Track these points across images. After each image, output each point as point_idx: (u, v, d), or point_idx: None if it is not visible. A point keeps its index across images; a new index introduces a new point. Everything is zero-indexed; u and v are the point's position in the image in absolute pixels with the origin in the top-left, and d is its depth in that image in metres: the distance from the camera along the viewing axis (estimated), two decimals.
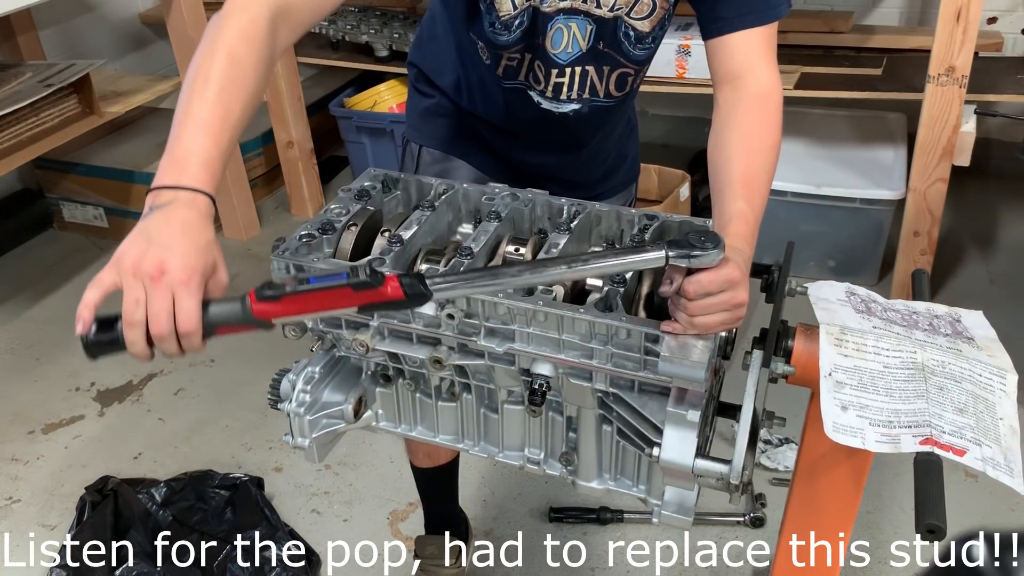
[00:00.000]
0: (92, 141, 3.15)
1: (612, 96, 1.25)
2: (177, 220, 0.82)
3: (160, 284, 0.79)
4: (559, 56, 1.18)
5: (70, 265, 3.03)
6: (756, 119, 1.07)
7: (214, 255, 0.84)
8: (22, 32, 2.97)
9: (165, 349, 0.82)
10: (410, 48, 1.44)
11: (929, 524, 0.82)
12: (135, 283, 0.80)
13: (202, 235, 0.83)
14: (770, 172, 1.05)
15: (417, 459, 1.63)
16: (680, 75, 2.61)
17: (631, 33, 1.17)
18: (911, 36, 2.81)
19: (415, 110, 1.43)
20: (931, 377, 0.93)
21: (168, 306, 0.79)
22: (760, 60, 1.09)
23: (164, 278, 0.79)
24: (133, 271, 0.80)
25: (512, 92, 1.25)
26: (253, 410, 2.32)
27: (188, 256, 0.80)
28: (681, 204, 2.71)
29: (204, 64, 0.91)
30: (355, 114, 3.13)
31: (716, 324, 0.88)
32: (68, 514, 1.98)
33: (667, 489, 1.01)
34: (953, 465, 0.87)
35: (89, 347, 0.85)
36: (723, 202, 1.01)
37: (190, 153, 0.87)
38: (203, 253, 0.82)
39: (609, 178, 1.44)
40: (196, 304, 0.80)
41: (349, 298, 0.81)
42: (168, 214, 0.83)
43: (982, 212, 3.04)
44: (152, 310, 0.79)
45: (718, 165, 1.06)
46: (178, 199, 0.84)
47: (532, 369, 0.98)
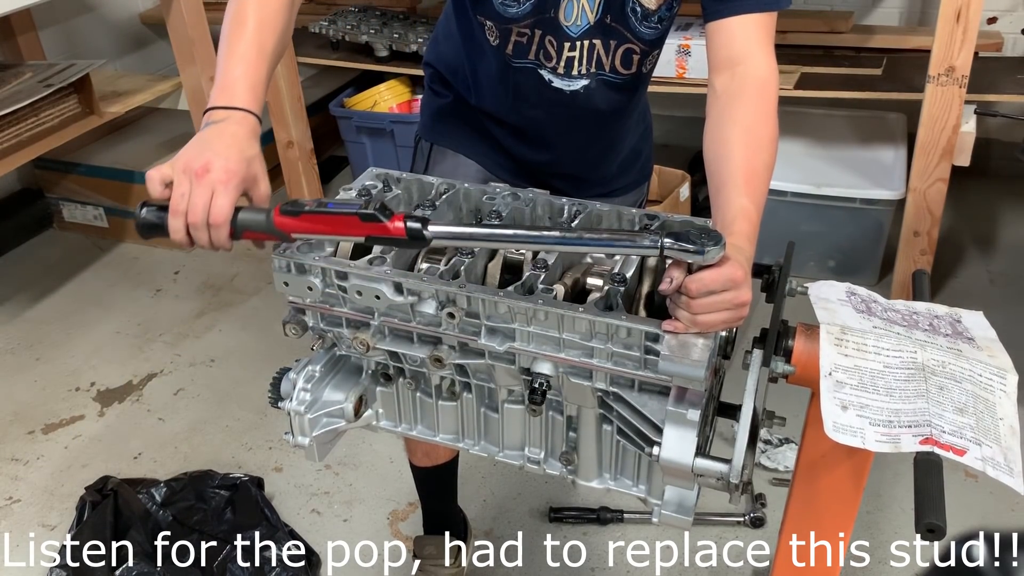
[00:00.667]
0: (92, 141, 3.15)
1: (619, 73, 1.25)
2: (228, 133, 0.96)
3: (203, 181, 0.92)
4: (571, 29, 1.18)
5: (70, 265, 3.03)
6: (756, 110, 1.07)
7: (256, 169, 0.96)
8: (22, 32, 2.97)
9: (198, 238, 0.94)
10: (426, 49, 1.45)
11: (929, 524, 0.82)
12: (184, 179, 0.92)
13: (248, 148, 0.96)
14: (771, 168, 1.06)
15: (416, 458, 1.63)
16: (680, 75, 2.61)
17: (638, 9, 1.17)
18: (911, 36, 2.81)
19: (429, 109, 1.45)
20: (931, 377, 0.93)
21: (206, 200, 0.91)
22: (759, 47, 1.09)
23: (207, 176, 0.92)
24: (184, 168, 0.93)
25: (522, 74, 1.25)
26: (253, 410, 2.32)
27: (231, 162, 0.93)
28: (681, 204, 2.71)
29: (239, 9, 1.05)
30: (355, 114, 3.13)
31: (718, 323, 0.89)
32: (68, 514, 1.98)
33: (667, 489, 1.01)
34: (953, 465, 0.87)
35: (141, 227, 0.96)
36: (726, 199, 1.01)
37: (236, 80, 1.00)
38: (246, 163, 0.95)
39: (623, 175, 1.44)
40: (229, 202, 0.92)
41: (356, 227, 0.90)
42: (221, 128, 0.96)
43: (982, 212, 3.04)
44: (192, 201, 0.92)
45: (719, 158, 1.05)
46: (230, 117, 0.98)
47: (532, 368, 0.98)
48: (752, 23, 1.09)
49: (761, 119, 1.07)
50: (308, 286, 1.03)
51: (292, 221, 0.91)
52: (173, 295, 2.87)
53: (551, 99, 1.26)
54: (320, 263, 1.02)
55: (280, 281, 1.04)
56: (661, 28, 1.21)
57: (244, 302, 2.79)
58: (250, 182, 0.96)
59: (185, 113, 2.94)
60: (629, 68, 1.24)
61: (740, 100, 1.07)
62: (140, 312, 2.78)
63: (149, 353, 2.59)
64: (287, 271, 1.03)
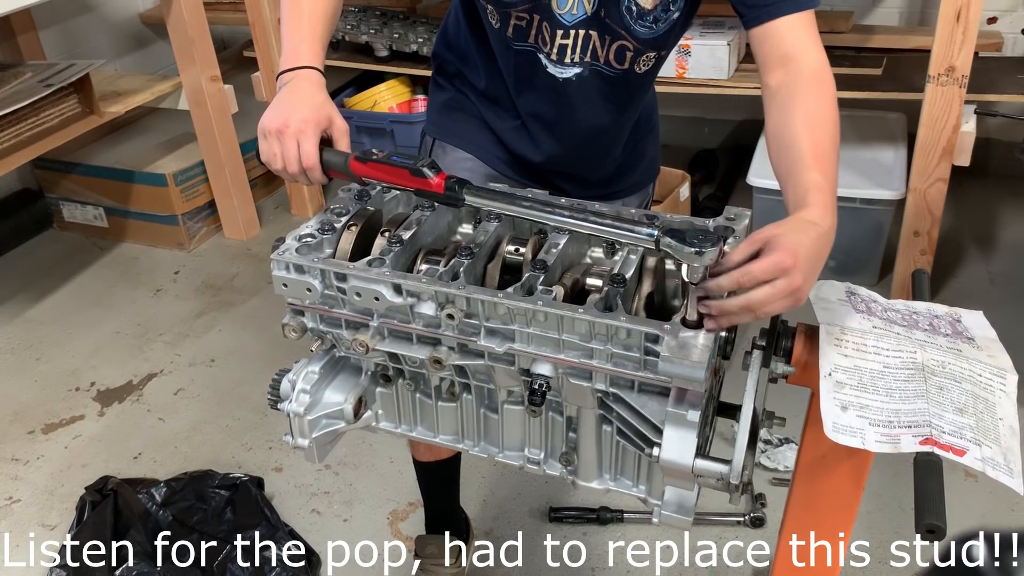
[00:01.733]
0: (92, 141, 3.15)
1: (612, 66, 1.25)
2: (297, 90, 1.11)
3: (286, 135, 1.07)
4: (564, 17, 1.19)
5: (70, 265, 3.03)
6: (816, 95, 1.08)
7: (328, 111, 1.10)
8: (22, 32, 2.97)
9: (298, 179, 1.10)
10: (435, 40, 1.47)
11: (929, 524, 0.82)
12: (271, 139, 1.08)
13: (316, 97, 1.11)
14: (837, 145, 1.05)
15: (419, 453, 1.63)
16: (680, 75, 2.61)
17: (633, 8, 1.18)
18: (911, 36, 2.80)
19: (433, 104, 1.47)
20: (931, 377, 0.93)
21: (294, 150, 1.07)
22: (809, 41, 1.11)
23: (288, 130, 1.07)
24: (266, 131, 1.09)
25: (521, 55, 1.26)
26: (253, 410, 2.32)
27: (304, 111, 1.08)
28: (681, 204, 2.71)
29: None
30: (355, 114, 3.13)
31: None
32: (68, 514, 1.98)
33: (667, 489, 1.01)
34: (953, 465, 0.87)
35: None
36: (796, 176, 1.01)
37: (299, 43, 1.16)
38: (317, 109, 1.09)
39: (624, 176, 1.44)
40: (313, 146, 1.07)
41: (407, 179, 1.04)
42: (292, 88, 1.11)
43: (982, 212, 3.04)
44: (284, 155, 1.08)
45: (785, 143, 1.05)
46: (297, 76, 1.13)
47: (532, 369, 0.98)
48: (797, 22, 1.10)
49: (822, 102, 1.07)
50: (307, 287, 1.03)
51: (362, 166, 1.06)
52: (173, 295, 2.86)
53: (547, 85, 1.27)
54: (319, 265, 1.02)
55: (279, 283, 1.04)
56: (657, 29, 1.21)
57: (244, 302, 2.79)
58: (325, 122, 1.09)
59: (185, 113, 2.94)
60: (622, 63, 1.25)
61: (798, 89, 1.08)
62: (140, 312, 2.78)
63: (149, 353, 2.59)
64: (286, 273, 1.03)
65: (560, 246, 1.05)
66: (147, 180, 3.02)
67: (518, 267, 1.06)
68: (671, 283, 1.10)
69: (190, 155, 3.07)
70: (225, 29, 3.69)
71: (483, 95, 1.36)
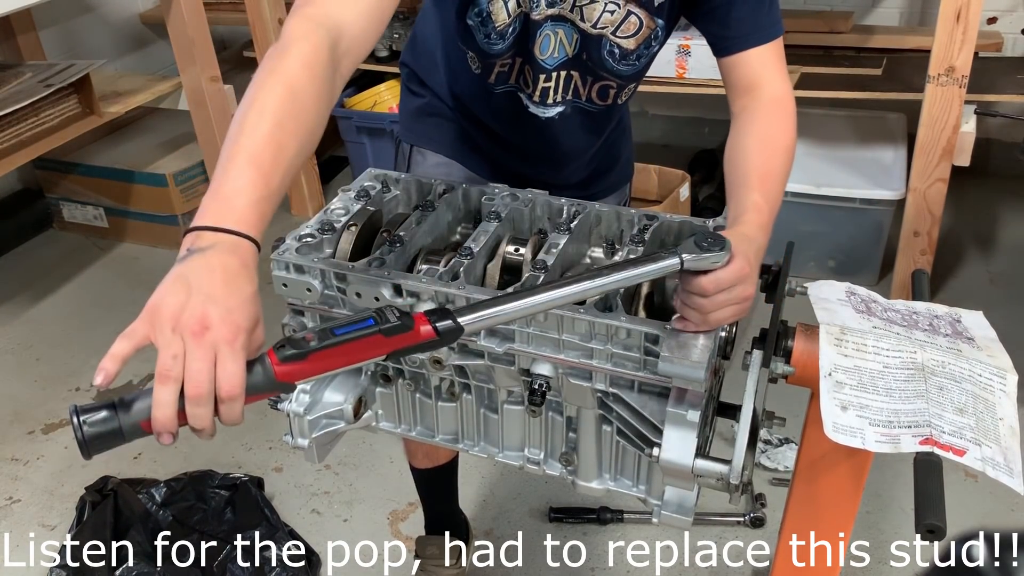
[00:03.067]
0: (92, 141, 3.15)
1: (594, 103, 1.26)
2: (219, 268, 0.74)
3: (203, 341, 0.70)
4: (546, 61, 1.19)
5: (70, 265, 3.03)
6: (772, 122, 1.10)
7: (257, 310, 0.75)
8: (22, 32, 2.97)
9: (198, 416, 0.71)
10: (403, 48, 1.45)
11: (929, 524, 0.82)
12: (173, 338, 0.71)
13: (246, 287, 0.74)
14: (786, 172, 1.08)
15: (416, 460, 1.62)
16: (680, 75, 2.61)
17: (616, 51, 1.18)
18: (911, 36, 2.81)
19: (407, 110, 1.44)
20: (931, 377, 0.93)
21: (210, 366, 0.70)
22: (774, 70, 1.13)
23: (208, 334, 0.70)
24: (172, 324, 0.71)
25: (503, 96, 1.25)
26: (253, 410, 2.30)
27: (233, 311, 0.72)
28: (681, 204, 2.71)
29: (260, 95, 0.81)
30: (355, 114, 3.13)
31: (727, 318, 0.90)
32: (68, 514, 1.98)
33: (667, 489, 1.01)
34: (953, 465, 0.87)
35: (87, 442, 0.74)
36: (739, 196, 1.04)
37: (237, 192, 0.77)
38: (247, 307, 0.74)
39: (600, 179, 1.44)
40: (241, 367, 0.71)
41: (381, 345, 0.76)
42: (209, 260, 0.74)
43: (982, 212, 3.04)
44: (192, 368, 0.70)
45: (735, 163, 1.08)
46: (220, 243, 0.75)
47: (532, 369, 0.98)
48: (765, 52, 1.12)
49: (777, 129, 1.10)
50: (307, 287, 1.03)
51: (299, 367, 0.74)
52: None
53: (527, 122, 1.27)
54: (319, 265, 1.02)
55: (279, 283, 1.04)
56: (640, 64, 1.22)
57: None
58: (252, 331, 0.74)
59: (185, 113, 2.94)
60: (605, 100, 1.26)
61: (757, 114, 1.11)
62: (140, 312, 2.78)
63: (149, 353, 2.56)
64: (286, 273, 1.03)
65: (560, 246, 1.05)
66: (147, 180, 3.03)
67: (518, 267, 1.06)
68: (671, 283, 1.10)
69: (190, 155, 3.07)
70: (225, 29, 3.69)
71: (458, 100, 1.35)
